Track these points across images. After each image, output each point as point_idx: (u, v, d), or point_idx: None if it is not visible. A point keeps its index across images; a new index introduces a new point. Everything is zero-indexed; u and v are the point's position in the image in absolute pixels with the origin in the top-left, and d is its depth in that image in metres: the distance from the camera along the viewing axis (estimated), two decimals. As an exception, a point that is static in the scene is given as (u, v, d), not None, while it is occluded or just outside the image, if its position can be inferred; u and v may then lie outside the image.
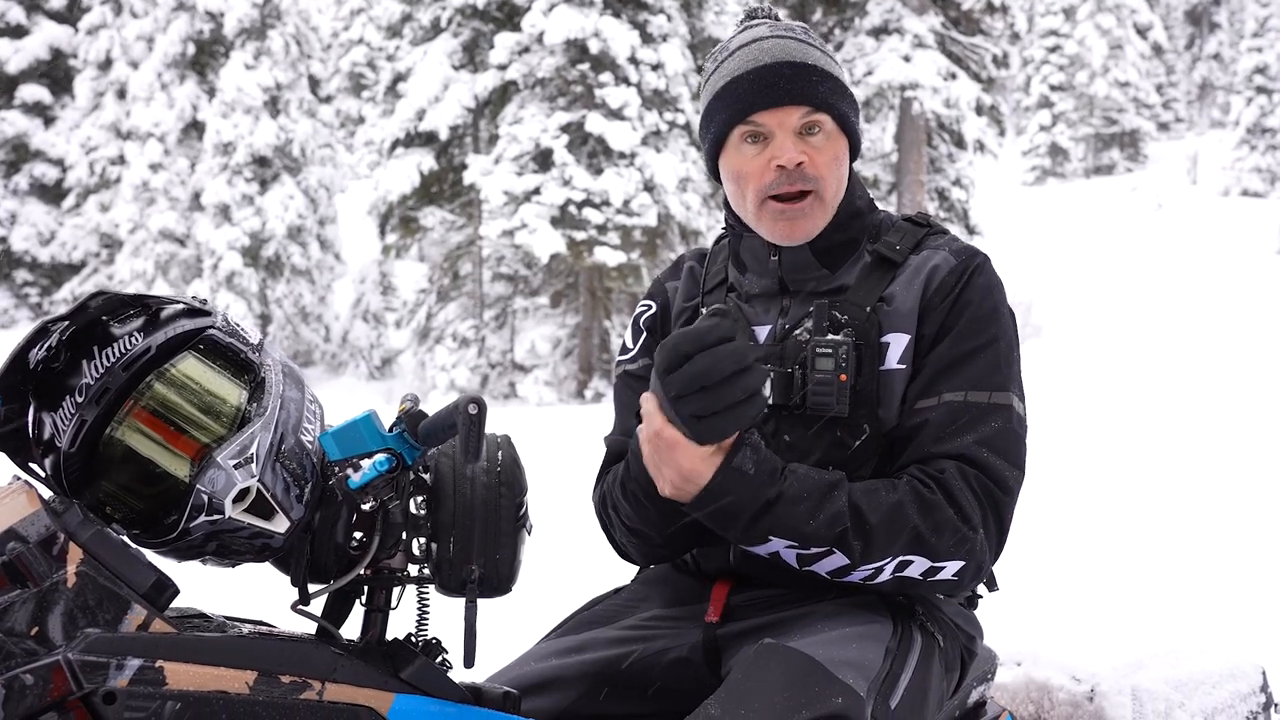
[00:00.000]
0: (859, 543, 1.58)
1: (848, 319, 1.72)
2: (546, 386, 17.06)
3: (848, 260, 1.79)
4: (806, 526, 1.57)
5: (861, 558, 1.58)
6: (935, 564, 1.60)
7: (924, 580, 1.62)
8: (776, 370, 1.71)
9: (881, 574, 1.61)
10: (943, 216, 18.91)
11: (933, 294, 1.71)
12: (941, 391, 1.67)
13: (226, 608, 1.53)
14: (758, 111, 1.73)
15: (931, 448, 1.65)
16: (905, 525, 1.58)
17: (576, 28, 15.72)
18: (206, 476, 1.35)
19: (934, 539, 1.59)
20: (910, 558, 1.59)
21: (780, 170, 1.72)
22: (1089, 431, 9.88)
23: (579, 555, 4.97)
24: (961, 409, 1.65)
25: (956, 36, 18.14)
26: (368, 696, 1.39)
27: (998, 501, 1.63)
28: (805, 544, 1.58)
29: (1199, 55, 47.92)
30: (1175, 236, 25.60)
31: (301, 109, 20.68)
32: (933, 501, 1.60)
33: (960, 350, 1.68)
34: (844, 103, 1.76)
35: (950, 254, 1.75)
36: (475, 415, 1.37)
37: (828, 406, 1.67)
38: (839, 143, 1.76)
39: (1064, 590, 5.34)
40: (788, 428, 1.72)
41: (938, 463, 1.64)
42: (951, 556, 1.60)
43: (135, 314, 1.43)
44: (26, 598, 1.28)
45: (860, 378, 1.69)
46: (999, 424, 1.65)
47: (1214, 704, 2.11)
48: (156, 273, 21.07)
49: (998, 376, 1.68)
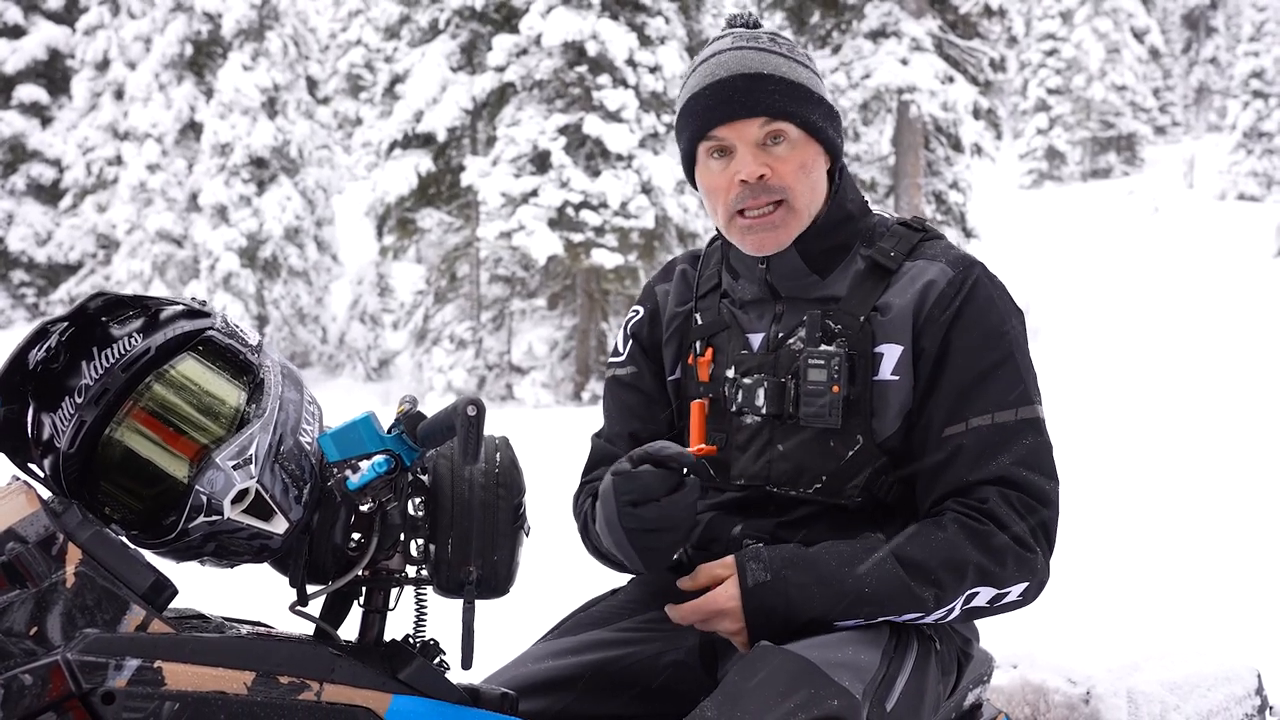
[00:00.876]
0: (929, 591, 1.61)
1: (841, 329, 1.71)
2: (544, 388, 17.06)
3: (839, 265, 1.78)
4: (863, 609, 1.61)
5: (936, 604, 1.62)
6: (1001, 590, 1.64)
7: (991, 607, 1.66)
8: (770, 380, 1.71)
9: (953, 613, 1.65)
10: (940, 220, 18.90)
11: (931, 307, 1.70)
12: (968, 417, 1.67)
13: (225, 608, 1.53)
14: (716, 126, 1.73)
15: (969, 476, 1.66)
16: (967, 563, 1.61)
17: (574, 30, 15.72)
18: (205, 477, 1.35)
19: (998, 569, 1.62)
20: (977, 589, 1.63)
21: (744, 185, 1.71)
22: (1086, 434, 9.89)
23: (576, 557, 4.97)
24: (992, 432, 1.66)
25: (954, 40, 18.15)
26: (366, 697, 1.39)
27: (1044, 519, 1.66)
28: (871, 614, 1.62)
29: (1196, 59, 47.97)
30: (1172, 240, 25.61)
31: (299, 110, 20.67)
32: (985, 532, 1.62)
33: (977, 371, 1.68)
34: (808, 108, 1.73)
35: (946, 264, 1.73)
36: (474, 417, 1.37)
37: (820, 418, 1.68)
38: (807, 149, 1.74)
39: (1060, 593, 5.34)
40: (781, 438, 1.72)
41: (978, 491, 1.65)
42: (1016, 580, 1.64)
43: (134, 315, 1.43)
44: (25, 598, 1.28)
45: (854, 388, 1.69)
46: (1030, 440, 1.67)
47: (1209, 707, 2.11)
48: (154, 274, 21.05)
49: (1020, 390, 1.69)
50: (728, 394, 1.76)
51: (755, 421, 1.74)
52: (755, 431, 1.74)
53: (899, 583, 1.60)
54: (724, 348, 1.81)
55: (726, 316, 1.83)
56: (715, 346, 1.82)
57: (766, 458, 1.72)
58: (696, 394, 1.81)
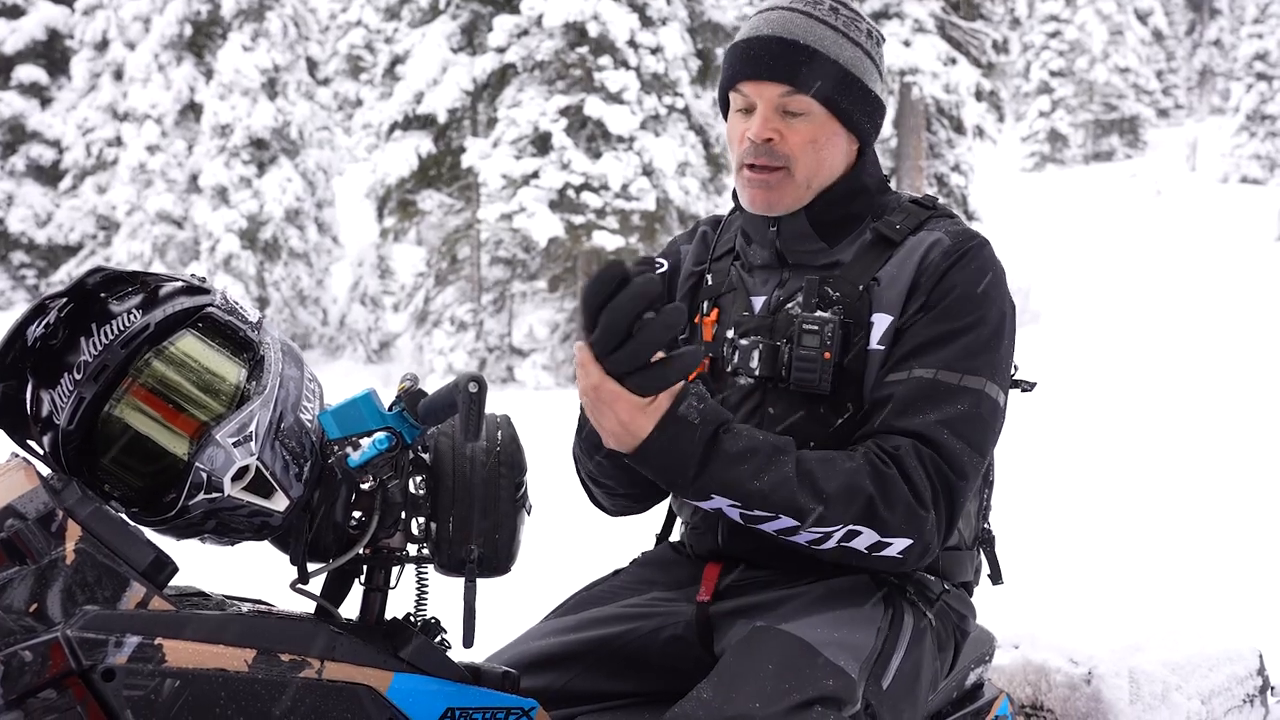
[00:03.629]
0: (815, 505, 1.54)
1: (839, 295, 1.72)
2: (544, 370, 17.06)
3: (848, 236, 1.78)
4: (751, 485, 1.54)
5: (815, 521, 1.54)
6: (883, 539, 1.57)
7: (868, 554, 1.59)
8: (765, 342, 1.72)
9: (828, 541, 1.57)
10: (942, 202, 18.86)
11: (928, 264, 1.71)
12: (912, 367, 1.65)
13: (225, 586, 1.53)
14: (741, 81, 1.76)
15: (893, 421, 1.62)
16: (860, 494, 1.55)
17: (576, 10, 15.65)
18: (205, 454, 1.34)
19: (886, 513, 1.56)
20: (859, 528, 1.56)
21: (751, 142, 1.73)
22: (1087, 417, 9.89)
23: (578, 537, 4.98)
24: (929, 386, 1.63)
25: (956, 21, 18.08)
26: (367, 675, 1.39)
27: (950, 485, 1.60)
28: (749, 504, 1.55)
29: (1199, 41, 47.80)
30: (1174, 223, 25.57)
31: (299, 91, 20.60)
32: (888, 476, 1.57)
33: (940, 329, 1.66)
34: (837, 87, 1.72)
35: (946, 235, 1.73)
36: (475, 394, 1.37)
37: (811, 383, 1.68)
38: (825, 127, 1.73)
39: (1062, 573, 5.35)
40: (773, 401, 1.73)
41: (895, 439, 1.61)
42: (901, 534, 1.57)
43: (134, 291, 1.42)
44: (25, 574, 1.27)
45: (848, 356, 1.69)
46: (965, 407, 1.62)
47: (1211, 686, 2.12)
48: (154, 255, 21.00)
49: (974, 361, 1.65)
50: (725, 354, 1.77)
51: (749, 383, 1.74)
52: (748, 393, 1.75)
53: (787, 488, 1.53)
54: (728, 309, 1.81)
55: (734, 279, 1.84)
56: (721, 307, 1.83)
57: (757, 419, 1.72)
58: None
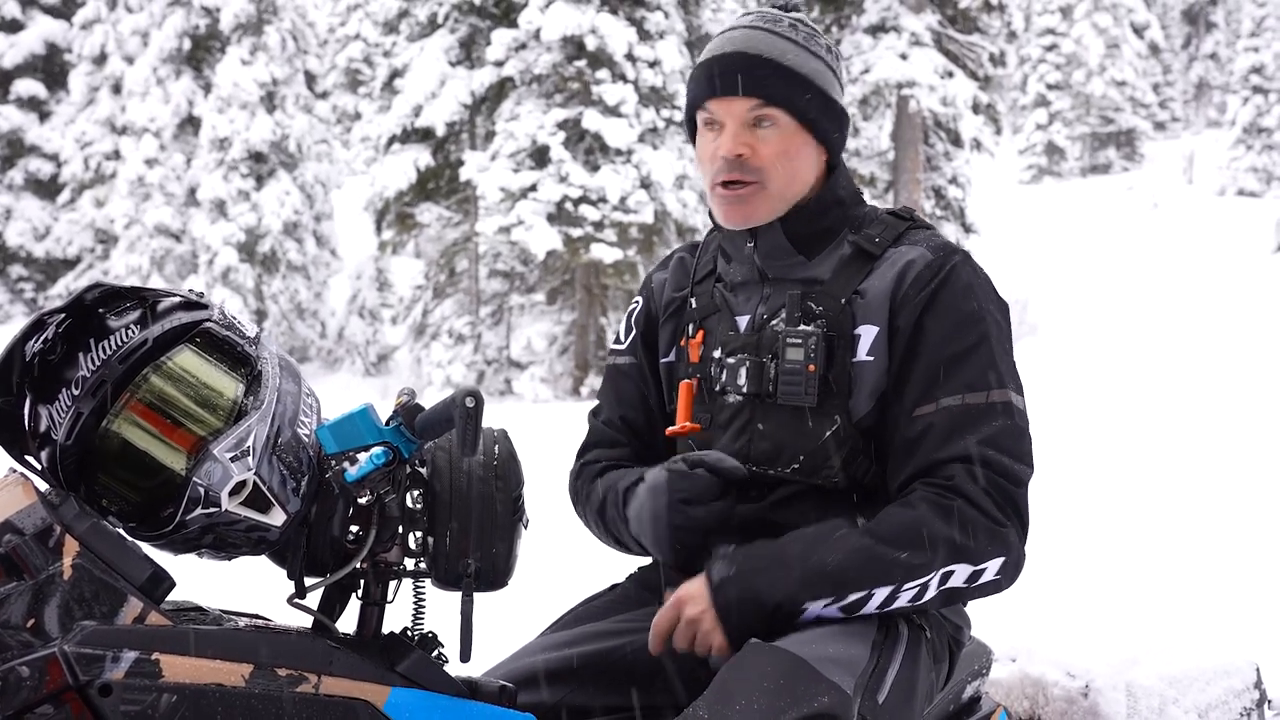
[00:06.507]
0: (897, 566, 1.59)
1: (822, 310, 1.74)
2: (542, 383, 17.05)
3: (825, 249, 1.80)
4: (828, 566, 1.60)
5: (905, 576, 1.60)
6: (977, 567, 1.62)
7: (969, 588, 1.64)
8: (751, 359, 1.74)
9: (929, 591, 1.62)
10: (939, 214, 18.90)
11: (907, 288, 1.72)
12: (939, 398, 1.67)
13: (222, 601, 1.53)
14: (708, 99, 1.78)
15: (936, 454, 1.65)
16: (937, 537, 1.59)
17: (573, 24, 15.70)
18: (203, 469, 1.35)
19: (969, 543, 1.60)
20: (952, 567, 1.61)
21: (723, 159, 1.75)
22: (1084, 429, 9.89)
23: (575, 551, 4.97)
24: (960, 412, 1.66)
25: (953, 35, 18.14)
26: (364, 690, 1.38)
27: (1012, 495, 1.65)
28: (839, 591, 1.60)
29: (1195, 55, 47.91)
30: (1171, 236, 25.61)
31: (298, 105, 20.64)
32: (955, 507, 1.61)
33: (950, 353, 1.69)
34: (803, 99, 1.75)
35: (927, 249, 1.75)
36: (472, 409, 1.37)
37: (796, 396, 1.70)
38: (794, 138, 1.76)
39: (1059, 587, 5.34)
40: (761, 416, 1.75)
41: (945, 469, 1.64)
42: (990, 555, 1.62)
43: (132, 307, 1.42)
44: (22, 590, 1.27)
45: (832, 369, 1.71)
46: (1000, 422, 1.66)
47: (1208, 700, 2.11)
48: (152, 268, 21.02)
49: (992, 374, 1.68)
50: (713, 374, 1.79)
51: (737, 401, 1.77)
52: (737, 410, 1.77)
53: (864, 555, 1.59)
54: (714, 329, 1.84)
55: (718, 300, 1.86)
56: (706, 329, 1.85)
57: (747, 436, 1.75)
58: (687, 375, 1.85)
